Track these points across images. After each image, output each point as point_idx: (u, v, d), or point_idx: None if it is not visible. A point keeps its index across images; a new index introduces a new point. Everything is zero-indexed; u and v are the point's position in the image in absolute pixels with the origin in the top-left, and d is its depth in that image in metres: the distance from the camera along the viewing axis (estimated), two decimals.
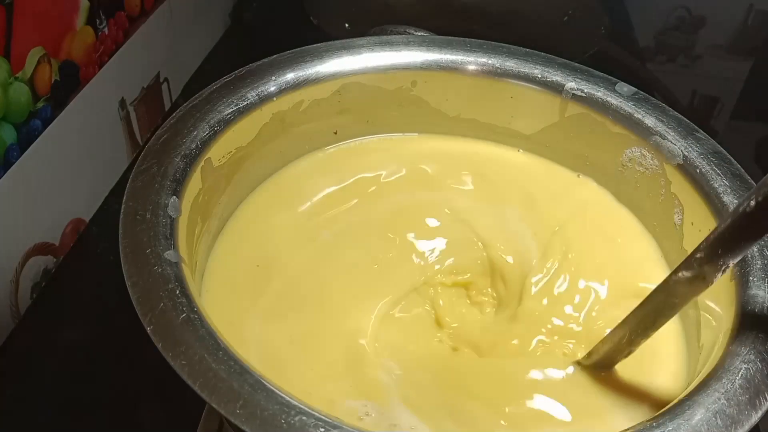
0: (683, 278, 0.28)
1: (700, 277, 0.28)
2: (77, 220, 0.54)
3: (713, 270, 0.27)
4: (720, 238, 0.27)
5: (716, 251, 0.27)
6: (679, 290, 0.29)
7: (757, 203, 0.25)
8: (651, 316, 0.30)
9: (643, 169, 0.40)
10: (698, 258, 0.27)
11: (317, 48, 0.42)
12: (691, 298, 0.29)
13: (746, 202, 0.26)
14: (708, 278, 0.27)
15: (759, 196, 0.25)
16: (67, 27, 0.49)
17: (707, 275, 0.27)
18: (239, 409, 0.25)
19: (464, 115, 0.44)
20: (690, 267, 0.28)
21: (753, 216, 0.25)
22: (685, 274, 0.28)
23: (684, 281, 0.28)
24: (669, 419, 0.26)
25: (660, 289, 0.30)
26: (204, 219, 0.36)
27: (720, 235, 0.27)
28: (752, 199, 0.25)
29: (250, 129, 0.39)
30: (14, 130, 0.44)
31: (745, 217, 0.26)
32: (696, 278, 0.28)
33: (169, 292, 0.28)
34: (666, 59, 0.77)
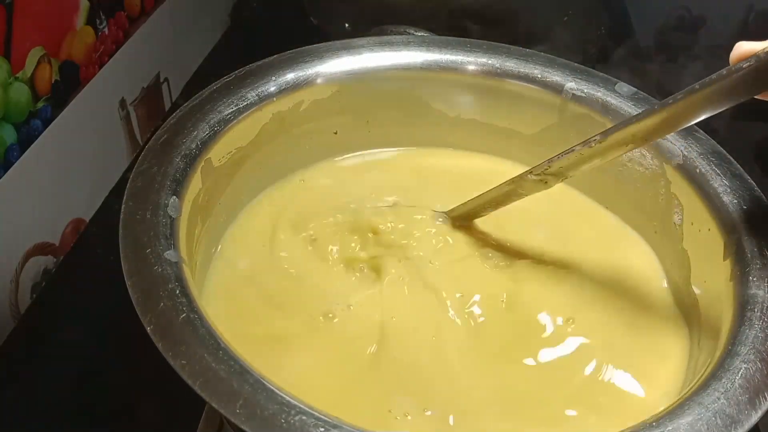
0: (531, 179, 0.36)
1: (543, 182, 0.36)
2: (77, 220, 0.54)
3: (554, 179, 0.36)
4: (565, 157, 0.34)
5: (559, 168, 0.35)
6: (524, 185, 0.37)
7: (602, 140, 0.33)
8: (500, 197, 0.38)
9: (643, 169, 0.40)
10: (545, 168, 0.35)
11: (317, 48, 0.42)
12: (534, 191, 0.37)
13: (592, 139, 0.33)
14: (549, 183, 0.36)
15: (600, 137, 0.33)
16: (67, 27, 0.49)
17: (548, 181, 0.36)
18: (239, 409, 0.25)
19: (464, 115, 0.44)
20: (539, 173, 0.36)
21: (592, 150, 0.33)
22: (533, 177, 0.36)
23: (531, 181, 0.36)
24: (669, 419, 0.26)
25: (513, 180, 0.37)
26: (204, 219, 0.36)
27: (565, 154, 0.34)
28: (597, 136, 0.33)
29: (250, 129, 0.39)
30: (14, 130, 0.44)
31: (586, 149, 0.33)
32: (540, 181, 0.36)
33: (169, 292, 0.28)
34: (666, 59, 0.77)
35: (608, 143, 0.33)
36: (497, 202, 0.39)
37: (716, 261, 0.34)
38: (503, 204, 0.39)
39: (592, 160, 0.34)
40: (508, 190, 0.38)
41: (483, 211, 0.40)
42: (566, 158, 0.34)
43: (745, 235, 0.34)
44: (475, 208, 0.40)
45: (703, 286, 0.35)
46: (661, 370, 0.34)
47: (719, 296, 0.33)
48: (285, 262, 0.38)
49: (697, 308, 0.35)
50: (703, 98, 0.30)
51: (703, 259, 0.36)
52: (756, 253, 0.33)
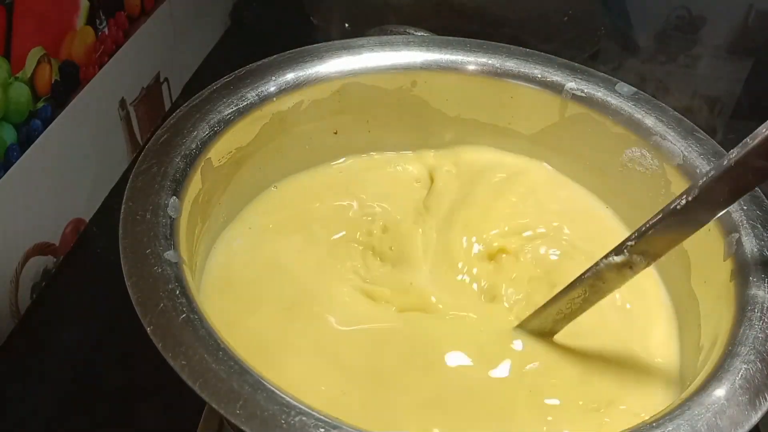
0: (612, 263, 0.30)
1: (628, 265, 0.30)
2: (77, 220, 0.54)
3: (640, 261, 0.29)
4: (651, 230, 0.29)
5: (646, 243, 0.29)
6: (606, 275, 0.30)
7: (687, 202, 0.28)
8: (578, 300, 0.31)
9: (643, 169, 0.40)
10: (629, 246, 0.29)
11: (317, 48, 0.42)
12: (617, 285, 0.31)
13: (678, 200, 0.28)
14: (635, 267, 0.30)
15: (689, 196, 0.28)
16: (67, 27, 0.49)
17: (634, 264, 0.30)
18: (239, 409, 0.25)
19: (464, 115, 0.44)
20: (620, 253, 0.30)
21: (682, 212, 0.28)
22: (615, 260, 0.30)
23: (612, 266, 0.30)
24: (669, 419, 0.26)
25: (589, 271, 0.31)
26: (204, 219, 0.36)
27: (651, 228, 0.29)
28: (683, 198, 0.28)
29: (250, 129, 0.39)
30: (14, 130, 0.44)
31: (676, 214, 0.28)
32: (624, 265, 0.30)
33: (169, 293, 0.28)
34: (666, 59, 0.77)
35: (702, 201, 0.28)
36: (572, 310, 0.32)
37: (716, 261, 0.34)
38: (580, 310, 0.32)
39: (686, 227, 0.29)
40: (586, 287, 0.31)
41: (555, 326, 0.33)
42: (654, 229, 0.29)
43: (745, 235, 0.34)
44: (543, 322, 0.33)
45: (703, 286, 0.35)
46: (661, 370, 0.34)
47: (719, 296, 0.33)
48: (285, 262, 0.38)
49: (696, 308, 0.35)
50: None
51: (703, 259, 0.36)
52: (756, 253, 0.33)
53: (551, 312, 0.33)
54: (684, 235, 0.29)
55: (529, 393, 0.32)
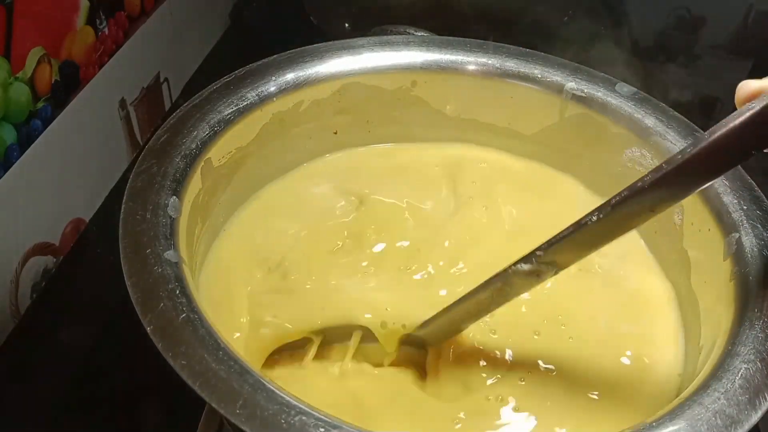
0: (520, 270, 0.30)
1: (535, 273, 0.30)
2: (77, 220, 0.54)
3: (548, 269, 0.30)
4: (559, 242, 0.29)
5: (554, 254, 0.29)
6: (514, 281, 0.31)
7: (598, 219, 0.28)
8: (485, 302, 0.32)
9: (643, 169, 0.40)
10: (537, 255, 0.30)
11: (317, 48, 0.42)
12: (523, 290, 0.31)
13: (589, 217, 0.28)
14: (542, 276, 0.30)
15: (601, 214, 0.28)
16: (67, 27, 0.49)
17: (542, 273, 0.30)
18: (239, 409, 0.25)
19: (464, 115, 0.44)
20: (529, 262, 0.30)
21: (590, 230, 0.28)
22: (523, 267, 0.30)
23: (521, 273, 0.30)
24: (669, 419, 0.26)
25: (498, 276, 0.31)
26: (204, 219, 0.36)
27: (559, 240, 0.29)
28: (594, 215, 0.28)
29: (250, 129, 0.39)
30: (14, 130, 0.44)
31: (584, 230, 0.28)
32: (531, 273, 0.30)
33: (169, 292, 0.28)
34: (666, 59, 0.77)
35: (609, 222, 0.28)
36: (479, 310, 0.32)
37: (716, 261, 0.34)
38: (486, 311, 0.33)
39: (592, 243, 0.29)
40: (493, 290, 0.32)
41: (462, 324, 0.34)
42: (564, 241, 0.29)
43: (745, 235, 0.34)
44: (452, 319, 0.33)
45: (703, 286, 0.35)
46: (660, 370, 0.34)
47: (719, 296, 0.33)
48: (285, 261, 0.38)
49: (697, 308, 0.35)
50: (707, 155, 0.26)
51: (703, 259, 0.36)
52: (756, 253, 0.33)
53: (458, 312, 0.33)
54: (590, 250, 0.30)
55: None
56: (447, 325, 0.34)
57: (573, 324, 0.36)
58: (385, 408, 0.32)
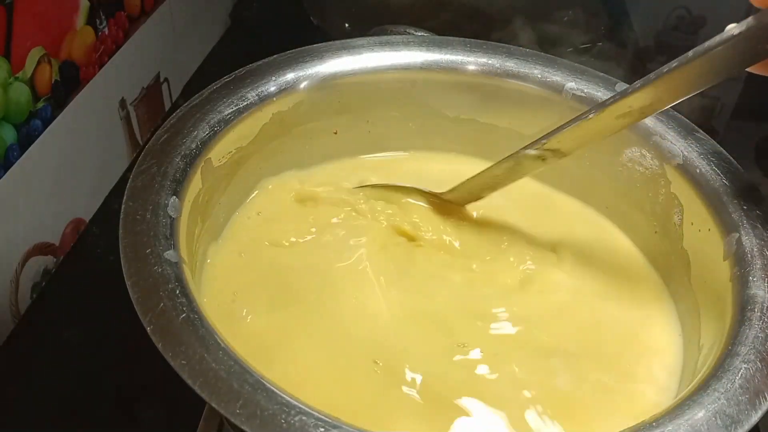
0: (528, 154, 0.36)
1: (541, 158, 0.36)
2: (77, 220, 0.54)
3: (552, 155, 0.36)
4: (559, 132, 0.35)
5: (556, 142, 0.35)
6: (523, 162, 0.37)
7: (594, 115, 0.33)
8: (500, 176, 0.38)
9: (643, 169, 0.40)
10: (542, 143, 0.36)
11: (317, 48, 0.42)
12: (532, 170, 0.37)
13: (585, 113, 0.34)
14: (547, 160, 0.36)
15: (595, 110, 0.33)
16: (67, 27, 0.49)
17: (546, 157, 0.36)
18: (239, 409, 0.25)
19: (464, 115, 0.44)
20: (535, 147, 0.36)
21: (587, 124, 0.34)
22: (531, 152, 0.36)
23: (529, 156, 0.36)
24: (669, 419, 0.26)
25: (510, 157, 0.37)
26: (204, 219, 0.36)
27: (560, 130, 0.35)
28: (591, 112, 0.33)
29: (250, 129, 0.39)
30: (14, 130, 0.44)
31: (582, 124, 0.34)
32: (538, 157, 0.36)
33: (169, 292, 0.28)
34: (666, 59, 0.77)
35: (605, 115, 0.33)
36: (495, 183, 0.39)
37: (716, 261, 0.34)
38: (502, 184, 0.39)
39: (590, 134, 0.34)
40: (506, 168, 0.38)
41: (482, 193, 0.40)
42: (564, 132, 0.35)
43: (745, 235, 0.34)
44: (472, 188, 0.39)
45: (703, 286, 0.35)
46: (660, 370, 0.34)
47: (719, 296, 0.33)
48: (285, 261, 0.38)
49: (696, 308, 0.35)
50: (698, 68, 0.30)
51: (703, 259, 0.36)
52: (756, 253, 0.33)
53: (477, 182, 0.39)
54: (588, 141, 0.35)
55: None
56: (468, 192, 0.40)
57: (572, 324, 0.36)
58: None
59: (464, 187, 0.40)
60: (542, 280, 0.38)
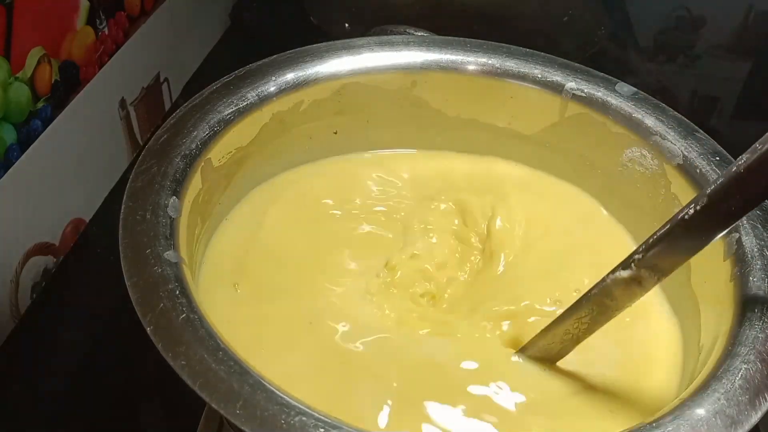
0: (620, 278, 0.28)
1: (636, 281, 0.27)
2: (77, 220, 0.54)
3: (650, 275, 0.27)
4: (660, 242, 0.27)
5: (655, 257, 0.27)
6: (614, 292, 0.28)
7: (695, 212, 0.26)
8: (586, 318, 0.29)
9: (643, 169, 0.40)
10: (636, 260, 0.27)
11: (317, 48, 0.42)
12: (626, 303, 0.28)
13: (686, 210, 0.26)
14: (644, 283, 0.27)
15: (698, 205, 0.26)
16: (67, 27, 0.49)
17: (643, 280, 0.27)
18: (239, 409, 0.25)
19: (464, 115, 0.44)
20: (627, 267, 0.27)
21: (691, 223, 0.26)
22: (622, 275, 0.27)
23: (620, 282, 0.28)
24: (669, 419, 0.26)
25: (596, 288, 0.29)
26: (204, 219, 0.36)
27: (659, 240, 0.26)
28: (691, 208, 0.26)
29: (250, 129, 0.39)
30: (14, 130, 0.44)
31: (684, 224, 0.26)
32: (633, 281, 0.27)
33: (169, 292, 0.28)
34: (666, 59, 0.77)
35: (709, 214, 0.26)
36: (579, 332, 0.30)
37: (716, 261, 0.34)
38: (589, 332, 0.30)
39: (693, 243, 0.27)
40: (592, 305, 0.29)
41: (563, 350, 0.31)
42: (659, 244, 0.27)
43: (745, 235, 0.33)
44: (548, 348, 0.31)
45: (703, 287, 0.35)
46: (660, 371, 0.34)
47: (719, 296, 0.33)
48: (285, 261, 0.38)
49: (697, 308, 0.35)
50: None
51: (703, 259, 0.36)
52: (756, 253, 0.33)
53: (558, 333, 0.30)
54: (694, 249, 0.27)
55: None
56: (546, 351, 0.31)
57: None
58: None
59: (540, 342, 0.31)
60: None
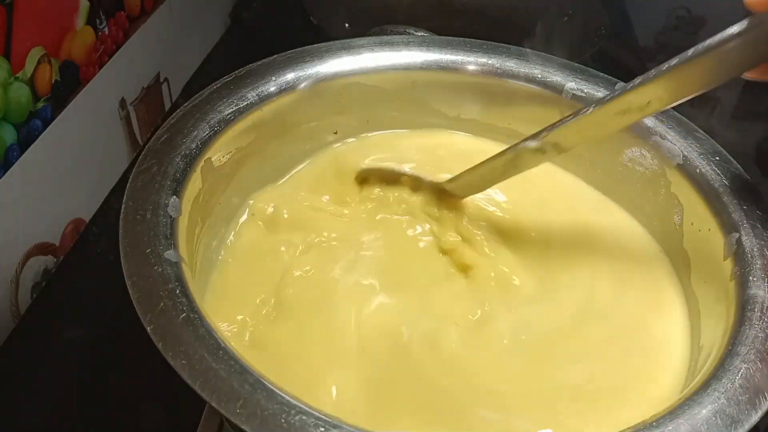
0: (529, 147, 0.36)
1: (541, 151, 0.35)
2: (77, 220, 0.54)
3: (552, 149, 0.35)
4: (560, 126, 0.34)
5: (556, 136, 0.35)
6: (523, 154, 0.36)
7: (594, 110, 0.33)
8: (499, 169, 0.37)
9: (643, 169, 0.40)
10: (542, 136, 0.35)
11: (317, 48, 0.42)
12: (532, 164, 0.36)
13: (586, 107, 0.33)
14: (547, 154, 0.35)
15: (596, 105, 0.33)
16: (67, 27, 0.49)
17: (546, 151, 0.35)
18: (239, 409, 0.25)
19: (464, 115, 0.44)
20: (535, 140, 0.35)
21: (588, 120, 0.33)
22: (531, 144, 0.35)
23: (529, 149, 0.36)
24: (669, 419, 0.26)
25: (510, 149, 0.36)
26: (204, 219, 0.36)
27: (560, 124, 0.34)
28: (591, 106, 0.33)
29: (250, 129, 0.39)
30: (14, 130, 0.44)
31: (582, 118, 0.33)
32: (538, 150, 0.35)
33: (169, 292, 0.28)
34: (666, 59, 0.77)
35: (604, 111, 0.33)
36: (494, 176, 0.38)
37: (716, 261, 0.34)
38: (502, 177, 0.38)
39: (589, 130, 0.34)
40: (506, 160, 0.37)
41: (482, 185, 0.39)
42: (564, 126, 0.34)
43: (745, 235, 0.34)
44: (472, 180, 0.39)
45: (703, 286, 0.35)
46: (661, 370, 0.34)
47: (719, 296, 0.33)
48: (285, 261, 0.38)
49: (697, 308, 0.35)
50: (698, 66, 0.30)
51: (703, 259, 0.36)
52: (756, 253, 0.33)
53: (477, 173, 0.38)
54: (590, 137, 0.35)
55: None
56: (468, 184, 0.39)
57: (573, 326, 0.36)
58: None
59: (464, 178, 0.39)
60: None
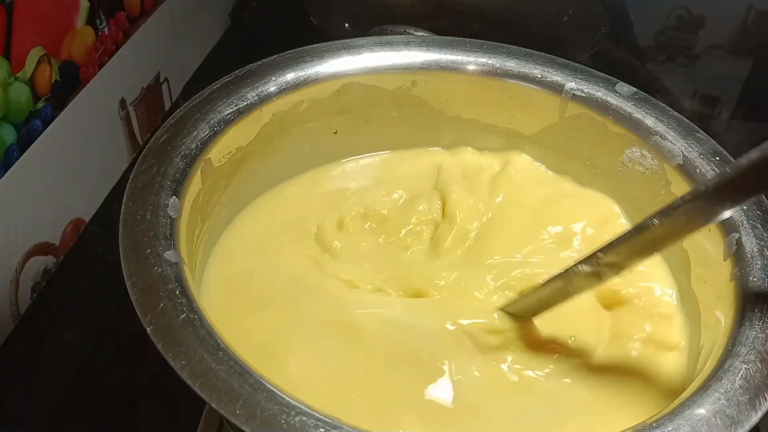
0: (581, 272, 0.31)
1: (596, 275, 0.31)
2: (77, 220, 0.54)
3: (609, 271, 0.30)
4: (619, 245, 0.30)
5: (614, 256, 0.30)
6: (575, 281, 0.32)
7: (660, 222, 0.28)
8: (546, 297, 0.33)
9: (643, 169, 0.40)
10: (598, 258, 0.31)
11: (317, 48, 0.42)
12: (585, 289, 0.32)
13: (650, 220, 0.29)
14: (602, 277, 0.31)
15: (662, 217, 0.28)
16: (67, 27, 0.49)
17: (602, 274, 0.31)
18: (239, 409, 0.25)
19: (464, 115, 0.44)
20: (590, 264, 0.31)
21: (651, 233, 0.29)
22: (584, 269, 0.31)
23: (581, 274, 0.31)
24: (669, 419, 0.26)
25: (560, 276, 0.32)
26: (204, 219, 0.36)
27: (620, 243, 0.30)
28: (655, 218, 0.29)
29: (250, 129, 0.39)
30: (14, 130, 0.44)
31: (645, 233, 0.29)
32: (592, 275, 0.31)
33: (169, 292, 0.28)
34: (666, 59, 0.77)
35: (671, 225, 0.28)
36: (540, 306, 0.34)
37: (716, 261, 0.34)
38: (551, 305, 0.33)
39: (653, 246, 0.30)
40: (554, 288, 0.33)
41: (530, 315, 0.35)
42: (622, 245, 0.30)
43: (745, 235, 0.33)
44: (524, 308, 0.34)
45: (703, 286, 0.35)
46: (661, 370, 0.34)
47: (719, 296, 0.33)
48: (285, 262, 0.38)
49: (697, 308, 0.35)
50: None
51: (703, 259, 0.36)
52: (756, 253, 0.33)
53: (533, 298, 0.34)
54: (652, 252, 0.30)
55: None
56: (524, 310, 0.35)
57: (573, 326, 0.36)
58: None
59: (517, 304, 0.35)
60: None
